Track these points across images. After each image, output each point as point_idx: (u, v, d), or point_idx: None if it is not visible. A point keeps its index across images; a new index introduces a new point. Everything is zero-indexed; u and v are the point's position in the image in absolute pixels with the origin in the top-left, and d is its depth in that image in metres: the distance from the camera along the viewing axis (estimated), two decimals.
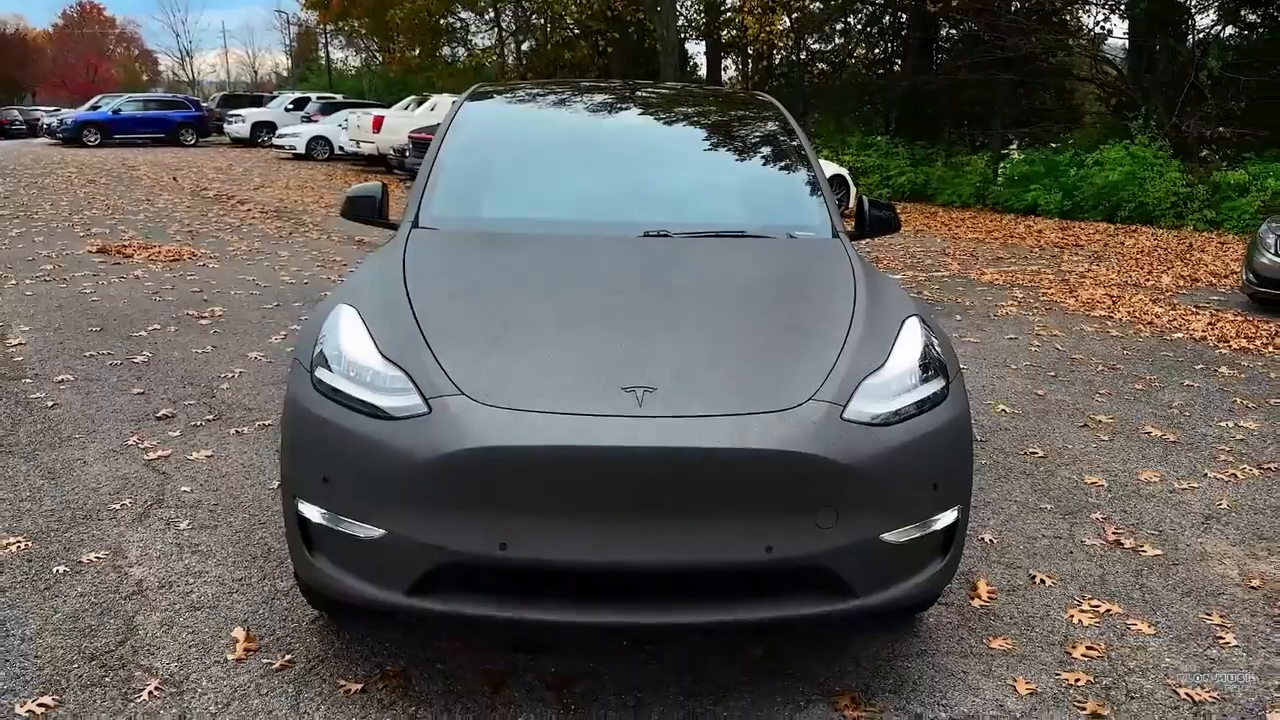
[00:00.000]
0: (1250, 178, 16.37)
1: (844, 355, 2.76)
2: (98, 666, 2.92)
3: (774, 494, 2.49)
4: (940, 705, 2.83)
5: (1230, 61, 19.21)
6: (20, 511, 3.95)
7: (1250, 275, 9.13)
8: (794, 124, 4.22)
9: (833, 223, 3.69)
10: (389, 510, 2.52)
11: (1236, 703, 2.88)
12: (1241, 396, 6.12)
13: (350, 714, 2.73)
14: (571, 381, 2.62)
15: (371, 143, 22.97)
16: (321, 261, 10.28)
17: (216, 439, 4.83)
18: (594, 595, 2.54)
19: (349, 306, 2.91)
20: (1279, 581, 3.65)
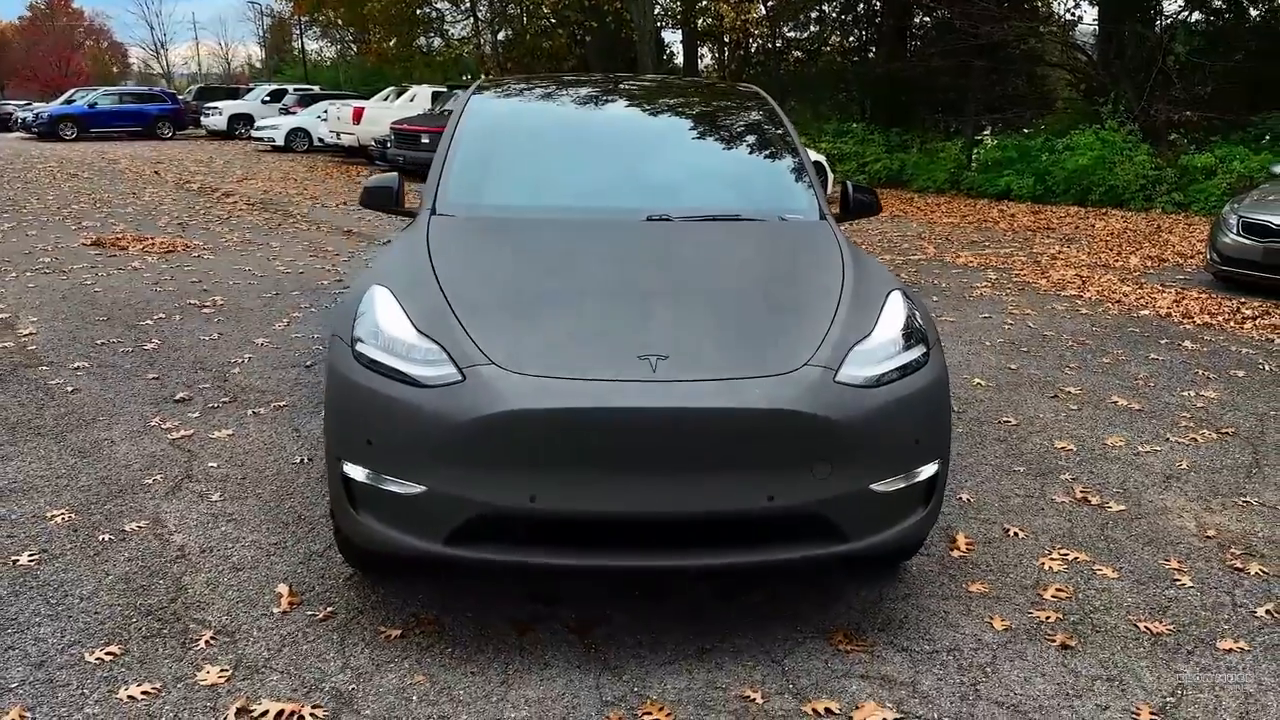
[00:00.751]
0: (1217, 160, 16.79)
1: (834, 325, 3.06)
2: (154, 620, 3.18)
3: (775, 449, 2.78)
4: (924, 639, 3.14)
5: (1197, 47, 19.67)
6: (59, 487, 4.19)
7: (1214, 255, 9.51)
8: (781, 114, 4.52)
9: (820, 206, 3.99)
10: (428, 468, 2.80)
11: (1190, 634, 3.20)
12: (1203, 368, 6.47)
13: (392, 656, 3.00)
14: (591, 351, 2.91)
15: (352, 134, 23.08)
16: (314, 251, 10.48)
17: (235, 419, 5.07)
18: (615, 543, 2.83)
19: (382, 286, 3.17)
20: (1232, 532, 3.98)
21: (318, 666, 2.95)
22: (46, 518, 3.90)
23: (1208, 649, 3.12)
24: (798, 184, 4.15)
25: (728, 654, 3.04)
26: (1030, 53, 24.06)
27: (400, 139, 19.52)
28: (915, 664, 3.00)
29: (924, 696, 2.84)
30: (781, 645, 3.08)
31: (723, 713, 2.76)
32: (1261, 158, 16.24)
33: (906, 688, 2.88)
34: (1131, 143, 17.67)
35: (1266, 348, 7.09)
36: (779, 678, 2.92)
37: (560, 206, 3.88)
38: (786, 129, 4.40)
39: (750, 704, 2.79)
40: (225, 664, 2.94)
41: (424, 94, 23.33)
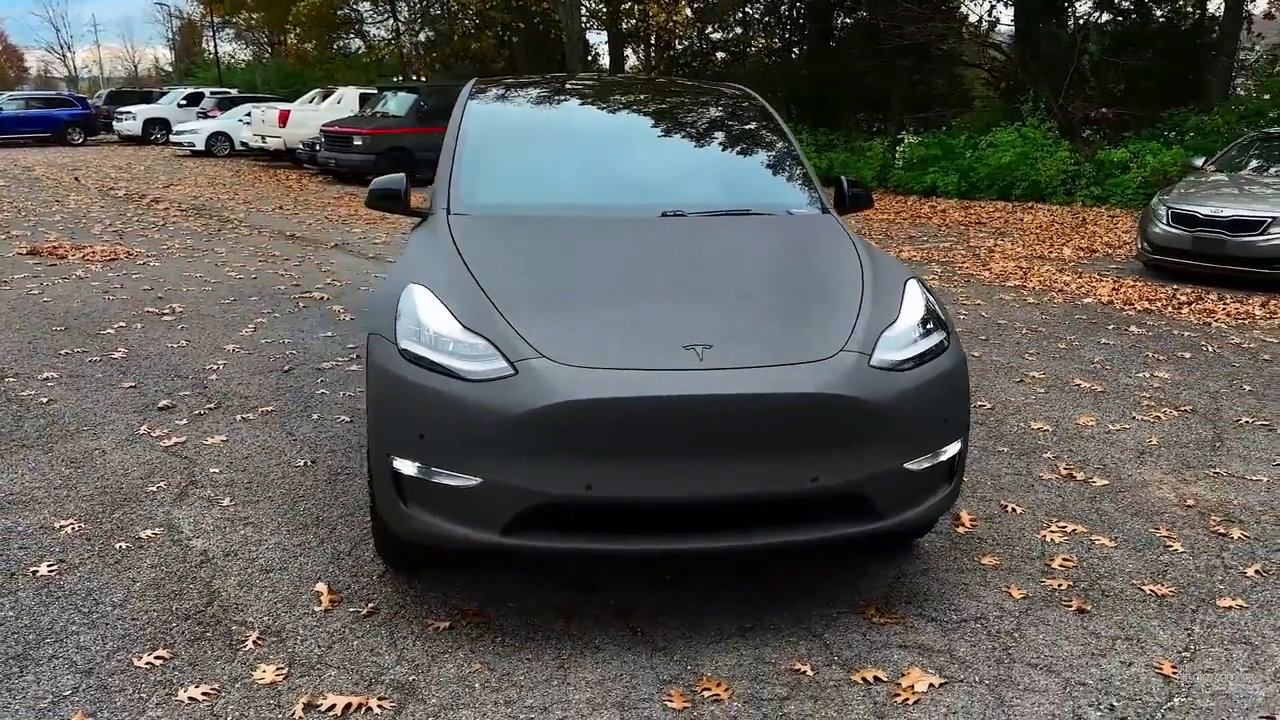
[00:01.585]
0: (1131, 155, 17.50)
1: (862, 313, 3.20)
2: (195, 624, 3.17)
3: (817, 431, 2.91)
4: (951, 610, 3.30)
5: (1108, 46, 20.49)
6: (60, 498, 4.12)
7: (1145, 244, 9.97)
8: (773, 112, 4.66)
9: (822, 200, 4.14)
10: (483, 461, 2.86)
11: (1191, 595, 3.43)
12: (1152, 351, 6.81)
13: (444, 646, 3.05)
14: (637, 341, 3.00)
15: (278, 138, 22.67)
16: (263, 257, 10.33)
17: (226, 426, 5.02)
18: (668, 527, 2.92)
19: (420, 285, 3.21)
20: (1209, 501, 4.24)
21: (373, 660, 2.98)
22: (55, 528, 3.84)
23: (1209, 607, 3.34)
24: (799, 179, 4.30)
25: (769, 631, 3.15)
26: (950, 53, 24.77)
27: (331, 141, 19.26)
28: (947, 633, 3.16)
29: (962, 662, 2.99)
30: (818, 621, 3.21)
31: (777, 685, 2.87)
32: (1174, 152, 16.97)
33: (944, 655, 3.03)
34: (1051, 139, 18.33)
35: (1205, 331, 7.48)
36: (823, 651, 3.05)
37: (575, 204, 3.96)
38: (781, 127, 4.55)
39: (802, 676, 2.91)
40: (279, 662, 2.96)
41: (351, 96, 23.03)
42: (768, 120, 4.62)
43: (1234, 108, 18.65)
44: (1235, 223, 9.18)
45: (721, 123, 4.78)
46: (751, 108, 4.76)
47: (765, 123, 4.62)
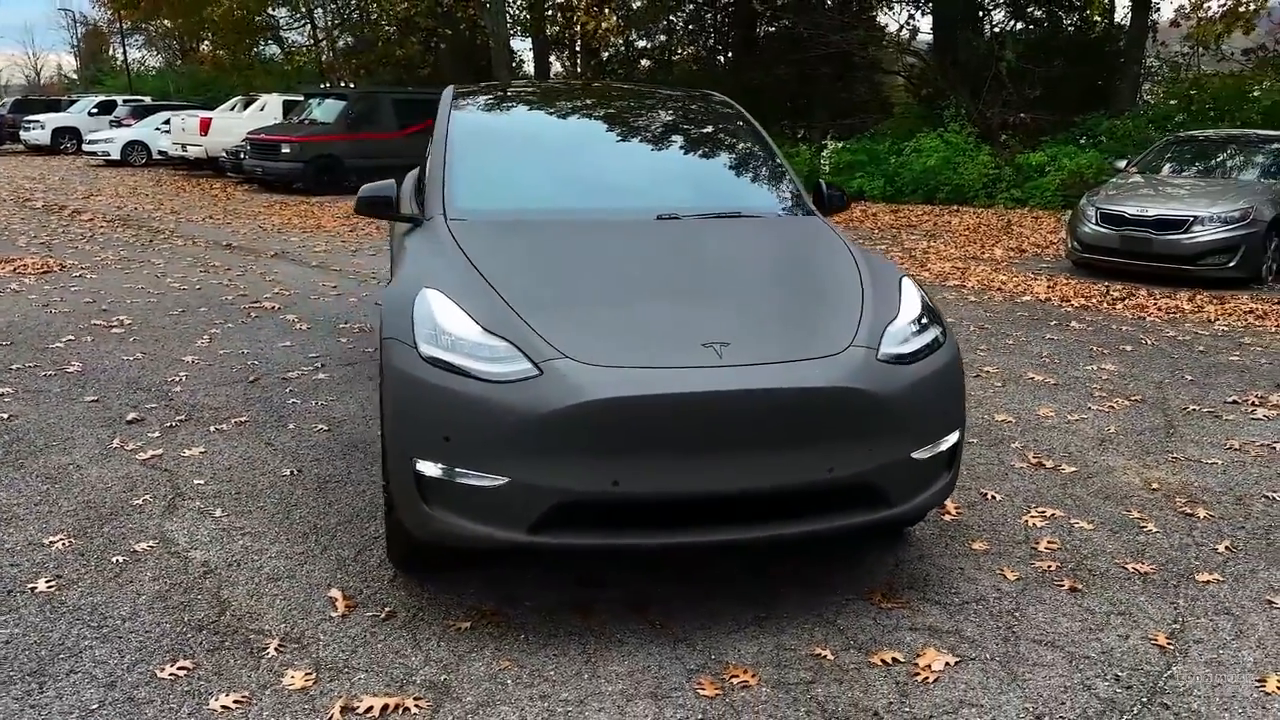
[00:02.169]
0: (1048, 159, 18.14)
1: (865, 309, 3.32)
2: (211, 634, 3.15)
3: (832, 424, 3.02)
4: (952, 593, 3.44)
5: (1023, 54, 21.20)
6: (43, 514, 4.03)
7: (1075, 243, 10.38)
8: (751, 119, 4.78)
9: (806, 203, 4.27)
10: (510, 460, 2.90)
11: (1170, 571, 3.63)
12: (1095, 345, 7.12)
13: (469, 646, 3.09)
14: (655, 340, 3.07)
15: (199, 146, 22.15)
16: (203, 267, 10.12)
17: (201, 438, 4.95)
18: (691, 520, 3.00)
19: (434, 290, 3.23)
20: (1172, 484, 4.47)
21: (400, 663, 3.00)
22: (45, 544, 3.76)
23: (1189, 582, 3.54)
24: (783, 183, 4.42)
25: (783, 620, 3.25)
26: (871, 61, 25.38)
27: (258, 150, 18.90)
28: (952, 614, 3.30)
29: (971, 641, 3.13)
30: (829, 608, 3.32)
31: (800, 669, 2.97)
32: (1089, 156, 17.66)
33: (953, 635, 3.17)
34: (972, 144, 18.90)
35: (1141, 325, 7.84)
36: (838, 636, 3.16)
37: (570, 208, 4.01)
38: (760, 133, 4.67)
39: (823, 660, 3.02)
40: (306, 668, 2.96)
41: (275, 103, 22.61)
42: (747, 126, 4.74)
43: (1143, 112, 19.47)
44: (1160, 222, 9.62)
45: (703, 128, 4.88)
46: (730, 114, 4.87)
47: (745, 128, 4.74)
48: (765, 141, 4.61)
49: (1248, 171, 10.80)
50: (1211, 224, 9.42)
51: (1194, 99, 18.47)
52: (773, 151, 4.55)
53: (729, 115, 4.88)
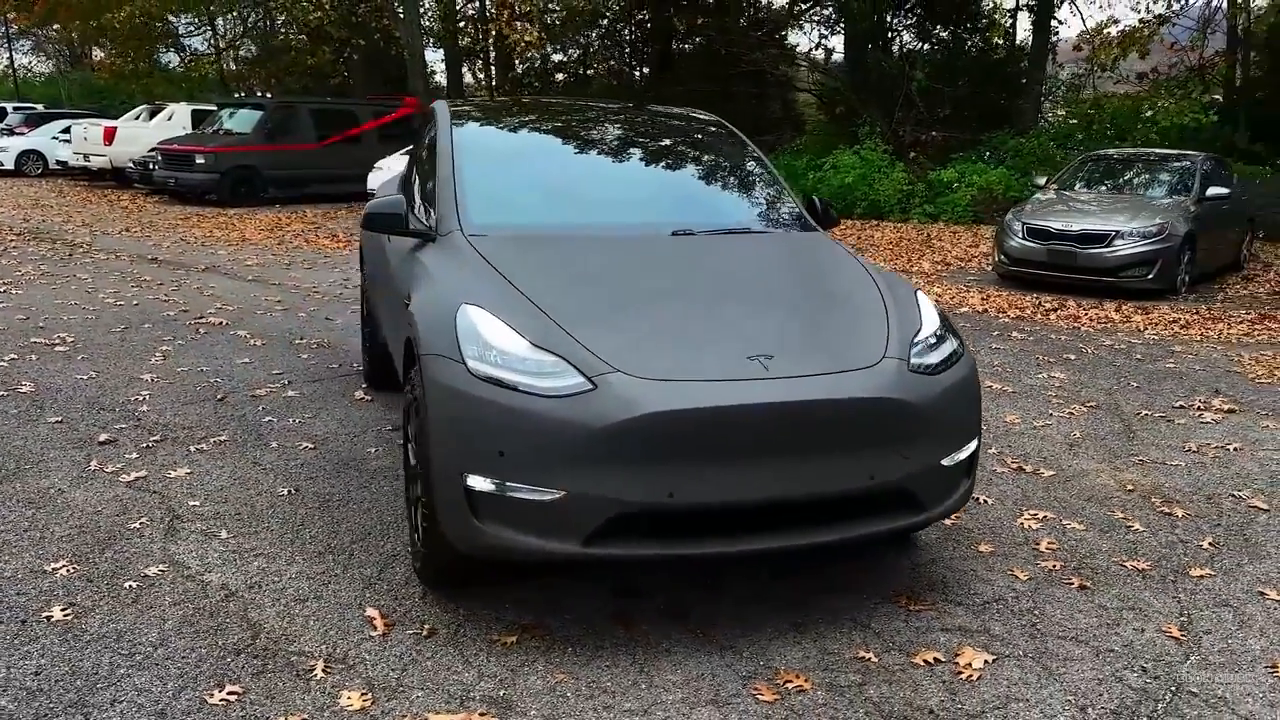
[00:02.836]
0: (958, 175, 18.82)
1: (891, 321, 3.45)
2: (251, 658, 3.09)
3: (873, 432, 3.14)
4: (971, 594, 3.59)
5: (931, 74, 21.94)
6: (36, 540, 3.88)
7: (1002, 257, 10.81)
8: (744, 138, 4.89)
9: (807, 219, 4.39)
10: (567, 474, 2.93)
11: (1165, 567, 3.84)
12: (1040, 354, 7.44)
13: (519, 660, 3.09)
14: (701, 354, 3.14)
15: (103, 156, 21.35)
16: (135, 282, 9.79)
17: (183, 458, 4.82)
18: (741, 528, 3.08)
19: (474, 306, 3.24)
20: (1145, 485, 4.73)
21: (455, 679, 2.99)
22: (48, 571, 3.62)
23: (1185, 577, 3.76)
24: (782, 199, 4.54)
25: (819, 624, 3.35)
26: (784, 79, 25.93)
27: (170, 160, 18.32)
28: (977, 614, 3.44)
29: (1002, 639, 3.27)
30: (860, 612, 3.43)
31: (848, 672, 3.06)
32: (998, 173, 18.39)
33: (983, 634, 3.30)
34: (887, 161, 19.49)
35: (1078, 334, 8.22)
36: (876, 639, 3.26)
37: (583, 223, 4.05)
38: (756, 152, 4.78)
39: (868, 662, 3.12)
40: (360, 688, 2.93)
41: (183, 113, 21.96)
42: (740, 143, 4.85)
43: (1045, 131, 20.35)
44: (1084, 236, 10.10)
45: (699, 145, 4.97)
46: (723, 133, 4.98)
47: (738, 146, 4.85)
48: (761, 159, 4.73)
49: (1155, 188, 11.42)
50: (1131, 238, 9.93)
51: (1094, 118, 19.39)
52: (769, 169, 4.68)
53: (721, 133, 4.99)
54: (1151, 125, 17.27)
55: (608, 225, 4.05)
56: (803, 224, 4.37)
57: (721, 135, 4.98)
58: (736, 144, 4.88)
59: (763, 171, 4.69)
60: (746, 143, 4.85)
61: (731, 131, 4.98)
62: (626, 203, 4.31)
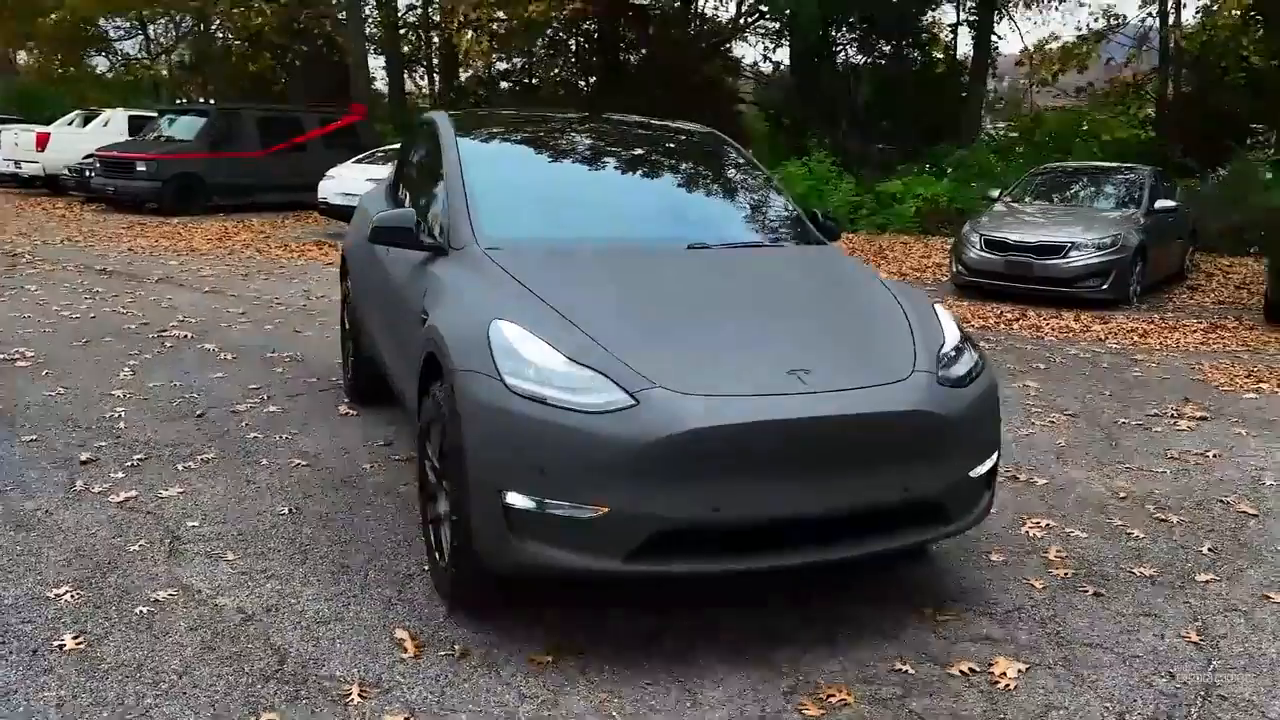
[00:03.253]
0: (904, 187, 19.15)
1: (916, 335, 3.49)
2: (282, 684, 3.01)
3: (908, 445, 3.17)
4: (992, 604, 3.64)
5: (877, 88, 22.33)
6: (31, 564, 3.74)
7: (960, 268, 11.01)
8: (744, 150, 4.91)
9: (813, 232, 4.42)
10: (610, 491, 2.91)
11: (1172, 572, 3.94)
12: (1010, 364, 7.59)
13: (558, 680, 3.06)
14: (740, 368, 3.15)
15: (35, 162, 20.67)
16: (88, 294, 9.49)
17: (172, 477, 4.68)
18: (784, 542, 3.08)
19: (506, 321, 3.20)
20: (1136, 493, 4.84)
21: (496, 701, 2.95)
22: (50, 597, 3.49)
23: (1191, 583, 3.86)
24: (788, 213, 4.56)
25: (850, 638, 3.36)
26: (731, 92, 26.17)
27: (109, 168, 17.78)
28: (1002, 624, 3.49)
29: (1030, 648, 3.32)
30: (888, 625, 3.45)
31: (889, 685, 3.08)
32: (944, 185, 18.75)
33: (1011, 643, 3.35)
34: (835, 172, 19.75)
35: (1042, 344, 8.41)
36: (909, 650, 3.29)
37: (600, 237, 4.03)
38: (758, 165, 4.81)
39: (905, 675, 3.14)
40: (403, 712, 2.87)
41: (120, 119, 21.33)
42: (743, 158, 4.88)
43: (987, 143, 20.81)
44: (1041, 247, 10.34)
45: (702, 159, 4.97)
46: (726, 148, 5.00)
47: (741, 160, 4.87)
48: (764, 173, 4.75)
49: (1106, 201, 11.74)
50: (1087, 249, 10.19)
51: (1034, 131, 19.87)
52: (772, 183, 4.70)
53: (720, 145, 5.00)
54: (1093, 139, 17.73)
55: (623, 239, 4.04)
56: (810, 236, 4.39)
57: (720, 147, 5.00)
58: (736, 156, 4.90)
59: (766, 184, 4.72)
60: (746, 155, 4.88)
61: (728, 142, 5.00)
62: (637, 216, 4.29)
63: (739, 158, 4.90)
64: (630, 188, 4.53)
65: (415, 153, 5.27)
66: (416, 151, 5.25)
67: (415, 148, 5.33)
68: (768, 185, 4.72)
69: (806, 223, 4.48)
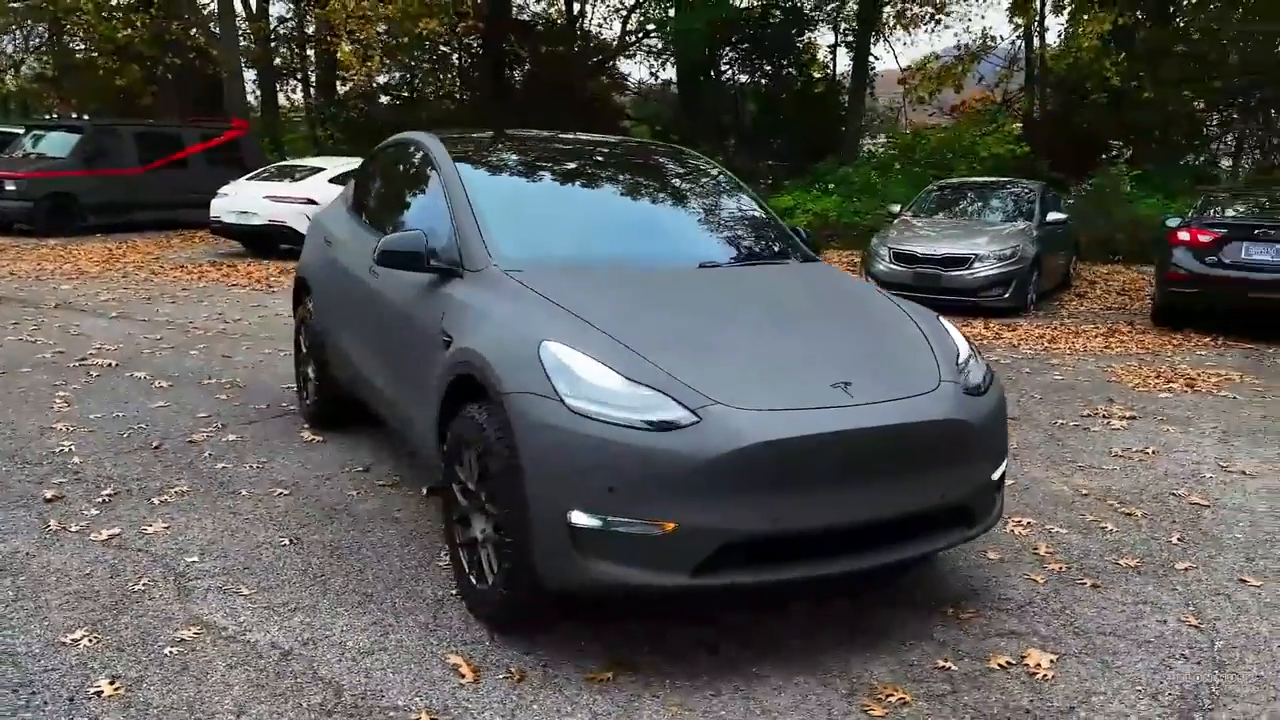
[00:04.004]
0: (794, 202, 19.73)
1: (933, 347, 3.67)
2: (346, 717, 2.96)
3: (944, 453, 3.34)
4: (1004, 599, 3.84)
5: (763, 106, 22.93)
6: (30, 610, 3.54)
7: (869, 280, 11.40)
8: (725, 170, 5.03)
9: (804, 248, 4.58)
10: (677, 506, 2.97)
11: (1152, 562, 4.23)
12: None
13: (625, 696, 3.09)
14: (789, 382, 3.25)
15: None
16: None
17: (151, 512, 4.49)
18: (833, 550, 3.19)
19: (556, 342, 3.22)
20: (1095, 489, 5.16)
21: None
22: (67, 643, 3.32)
23: (1172, 571, 4.15)
24: (780, 230, 4.70)
25: (886, 639, 3.50)
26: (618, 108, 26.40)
27: None
28: (1019, 618, 3.69)
29: (1052, 639, 3.53)
30: (919, 625, 3.61)
31: (937, 682, 3.23)
32: (831, 200, 19.41)
33: (1034, 636, 3.55)
34: None
35: None
36: (945, 649, 3.45)
37: (612, 256, 4.07)
38: (741, 184, 4.93)
39: (950, 671, 3.30)
40: None
41: None
42: (727, 177, 5.00)
43: (868, 159, 21.62)
44: (947, 260, 10.83)
45: (690, 179, 5.04)
46: (708, 167, 5.11)
47: (726, 180, 4.99)
48: (749, 192, 4.88)
49: (1001, 214, 12.37)
50: (990, 261, 10.73)
51: (914, 148, 20.73)
52: (759, 201, 4.84)
53: (706, 168, 5.12)
54: (970, 155, 18.63)
55: (634, 258, 4.10)
56: (804, 253, 4.54)
57: (705, 169, 5.11)
58: (723, 177, 5.02)
59: (755, 204, 4.85)
60: (732, 176, 5.00)
61: (711, 163, 5.12)
62: (641, 235, 4.35)
63: (724, 178, 5.02)
64: (629, 208, 4.59)
65: (390, 174, 5.20)
66: (392, 172, 5.18)
67: (389, 168, 5.27)
68: (757, 205, 4.85)
69: (797, 239, 4.63)
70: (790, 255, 4.48)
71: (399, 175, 5.06)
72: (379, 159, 5.52)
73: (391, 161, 5.28)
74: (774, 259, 4.41)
